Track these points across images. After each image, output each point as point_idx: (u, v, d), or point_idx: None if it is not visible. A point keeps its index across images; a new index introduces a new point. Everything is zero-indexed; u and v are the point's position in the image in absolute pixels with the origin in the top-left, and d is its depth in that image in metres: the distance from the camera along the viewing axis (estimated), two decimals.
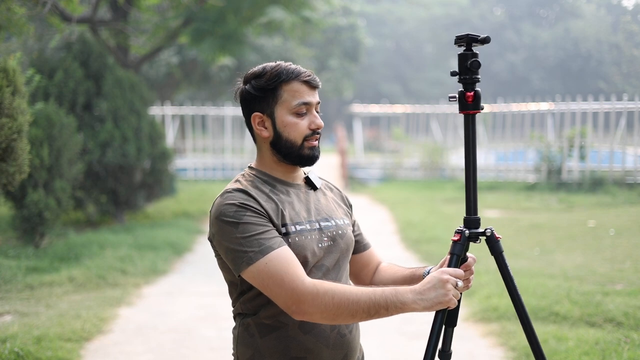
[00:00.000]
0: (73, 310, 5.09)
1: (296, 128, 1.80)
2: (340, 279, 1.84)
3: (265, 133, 1.82)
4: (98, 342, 4.50)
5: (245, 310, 1.79)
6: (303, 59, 22.19)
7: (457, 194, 12.69)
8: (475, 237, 1.95)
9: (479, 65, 1.99)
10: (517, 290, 2.00)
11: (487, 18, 39.15)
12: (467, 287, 1.86)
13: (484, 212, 10.44)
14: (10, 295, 5.55)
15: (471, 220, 2.01)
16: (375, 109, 20.12)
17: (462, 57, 2.01)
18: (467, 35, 1.98)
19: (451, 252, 1.93)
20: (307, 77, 1.81)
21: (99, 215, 9.59)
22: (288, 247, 1.70)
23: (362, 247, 2.01)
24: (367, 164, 17.81)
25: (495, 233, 2.03)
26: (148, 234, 8.34)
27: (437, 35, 39.53)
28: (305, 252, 1.76)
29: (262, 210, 1.73)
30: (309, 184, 1.90)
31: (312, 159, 1.84)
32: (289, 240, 1.73)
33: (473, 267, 1.89)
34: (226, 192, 1.76)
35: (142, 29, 12.25)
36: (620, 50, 15.50)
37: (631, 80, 13.49)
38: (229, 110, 17.14)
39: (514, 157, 15.48)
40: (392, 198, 12.65)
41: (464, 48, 2.00)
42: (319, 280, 1.68)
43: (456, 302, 1.69)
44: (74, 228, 8.66)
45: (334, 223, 1.85)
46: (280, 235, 1.72)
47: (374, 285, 1.99)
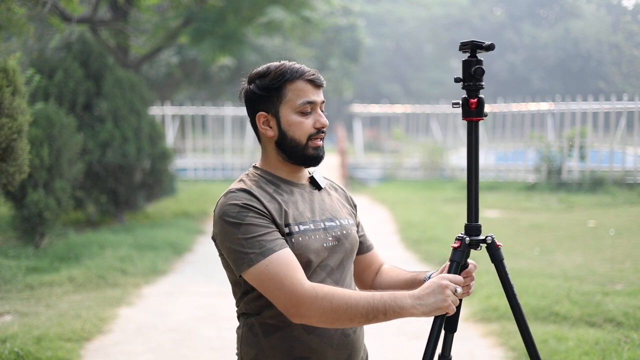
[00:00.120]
0: (73, 310, 5.09)
1: (301, 127, 1.80)
2: (345, 279, 1.83)
3: (270, 132, 1.81)
4: (98, 342, 4.50)
5: (249, 310, 1.79)
6: (303, 59, 22.18)
7: (457, 194, 12.69)
8: (475, 245, 1.94)
9: (482, 72, 1.98)
10: (517, 300, 1.99)
11: (487, 18, 39.15)
12: (468, 293, 1.86)
13: (484, 212, 10.43)
14: (10, 295, 5.55)
15: (472, 227, 1.99)
16: (375, 109, 20.13)
17: (467, 64, 1.99)
18: (472, 41, 1.96)
19: (451, 259, 1.92)
20: (311, 76, 1.81)
21: (99, 215, 9.59)
22: (289, 250, 1.69)
23: (365, 248, 2.00)
24: (367, 164, 17.81)
25: (496, 240, 2.01)
26: (148, 234, 8.34)
27: (437, 35, 39.53)
28: (309, 252, 1.75)
29: (265, 211, 1.72)
30: (314, 183, 1.90)
31: (316, 159, 1.83)
32: (292, 241, 1.73)
33: (474, 274, 1.88)
34: (230, 192, 1.75)
35: (142, 29, 12.25)
36: (620, 50, 15.50)
37: (631, 80, 13.49)
38: (229, 110, 17.14)
39: (514, 157, 15.48)
40: (392, 198, 12.65)
41: (469, 54, 1.98)
42: (319, 284, 1.67)
43: (455, 308, 1.69)
44: (74, 228, 8.66)
45: (338, 223, 1.85)
46: (282, 237, 1.72)
47: (375, 287, 2.00)
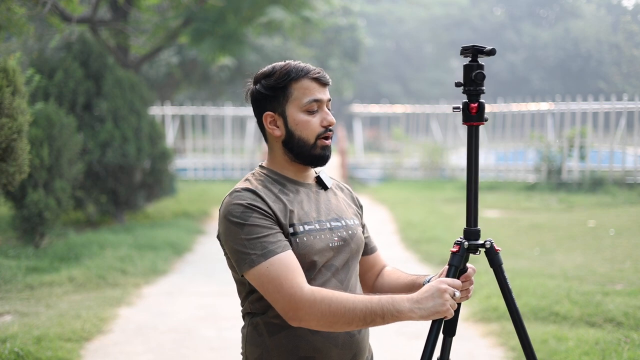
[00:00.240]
0: (73, 310, 5.09)
1: (308, 126, 1.79)
2: (350, 280, 1.83)
3: (277, 132, 1.81)
4: (98, 342, 4.50)
5: (254, 310, 1.79)
6: (303, 59, 22.01)
7: (457, 194, 12.69)
8: (474, 249, 1.93)
9: (483, 77, 1.97)
10: (516, 305, 1.99)
11: (487, 18, 39.15)
12: (467, 297, 1.85)
13: (484, 212, 10.43)
14: (10, 295, 5.55)
15: (471, 231, 1.98)
16: (375, 109, 20.13)
17: (468, 69, 1.98)
18: (473, 46, 1.95)
19: (450, 263, 1.92)
20: (316, 74, 1.80)
21: (99, 215, 9.59)
22: (292, 252, 1.69)
23: (369, 249, 1.99)
24: (367, 164, 17.81)
25: (495, 245, 2.01)
26: (148, 234, 8.34)
27: (437, 35, 39.51)
28: (314, 252, 1.75)
29: (270, 212, 1.72)
30: (320, 183, 1.89)
31: (323, 159, 1.82)
32: (297, 241, 1.73)
33: (473, 278, 1.88)
34: (235, 191, 1.76)
35: (142, 29, 12.24)
36: (620, 50, 15.50)
37: (631, 80, 13.50)
38: (229, 110, 17.14)
39: (514, 157, 15.48)
40: (392, 198, 12.66)
41: (470, 59, 1.97)
42: (319, 288, 1.67)
43: (453, 312, 1.68)
44: (74, 228, 8.66)
45: (344, 223, 1.84)
46: (286, 238, 1.72)
47: (376, 288, 2.00)
